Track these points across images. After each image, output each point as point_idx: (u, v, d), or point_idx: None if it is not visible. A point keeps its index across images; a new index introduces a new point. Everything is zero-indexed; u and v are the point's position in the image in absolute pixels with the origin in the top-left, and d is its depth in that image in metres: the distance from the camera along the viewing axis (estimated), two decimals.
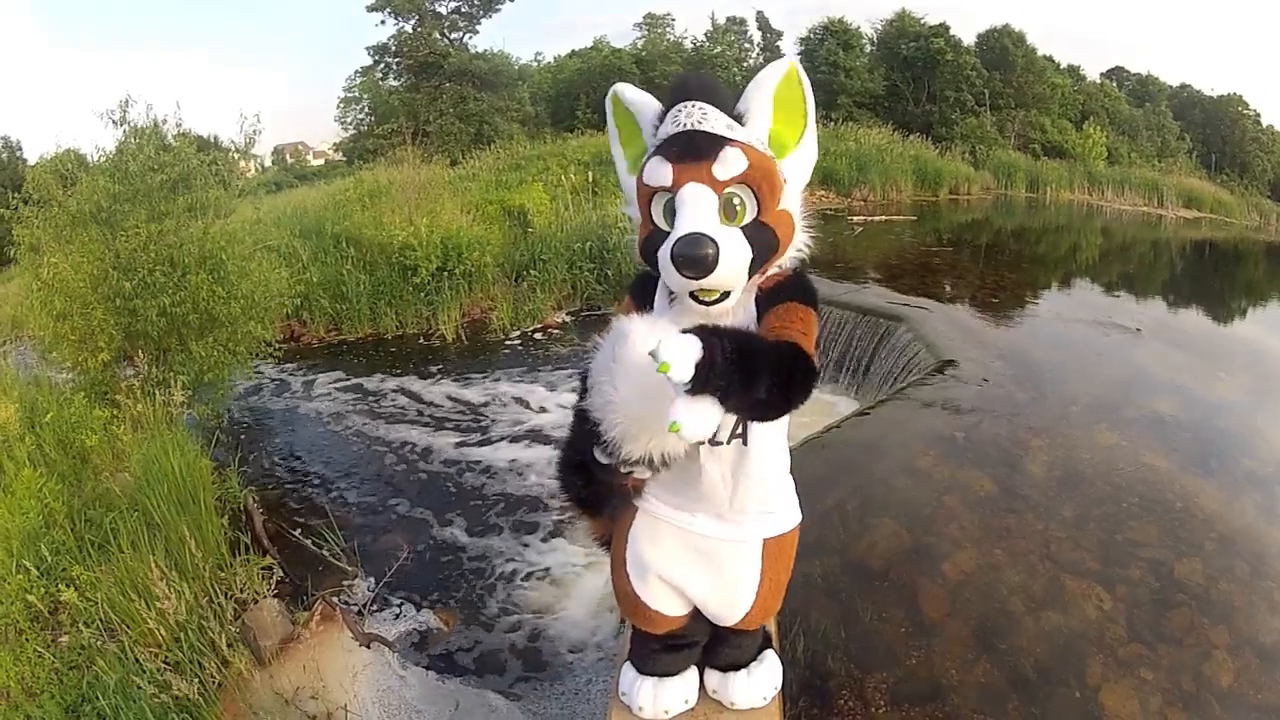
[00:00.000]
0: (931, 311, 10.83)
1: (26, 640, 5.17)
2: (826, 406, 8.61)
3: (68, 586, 5.37)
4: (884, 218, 22.38)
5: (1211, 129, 43.85)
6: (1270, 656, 4.44)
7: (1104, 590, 4.87)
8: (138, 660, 4.84)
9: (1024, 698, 4.07)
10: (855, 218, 21.97)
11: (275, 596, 6.06)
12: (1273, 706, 4.10)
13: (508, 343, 13.60)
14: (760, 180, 2.24)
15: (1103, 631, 4.55)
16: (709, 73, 34.22)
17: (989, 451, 6.65)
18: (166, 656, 4.93)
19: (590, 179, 19.45)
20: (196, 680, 4.77)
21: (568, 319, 14.53)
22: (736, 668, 2.88)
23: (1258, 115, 45.15)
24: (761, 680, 2.91)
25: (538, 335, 13.84)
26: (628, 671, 2.93)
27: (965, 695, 4.03)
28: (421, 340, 13.90)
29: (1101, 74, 46.12)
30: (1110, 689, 4.12)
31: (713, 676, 2.92)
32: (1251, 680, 4.25)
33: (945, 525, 5.54)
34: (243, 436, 9.32)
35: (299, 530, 7.30)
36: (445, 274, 14.39)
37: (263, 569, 6.27)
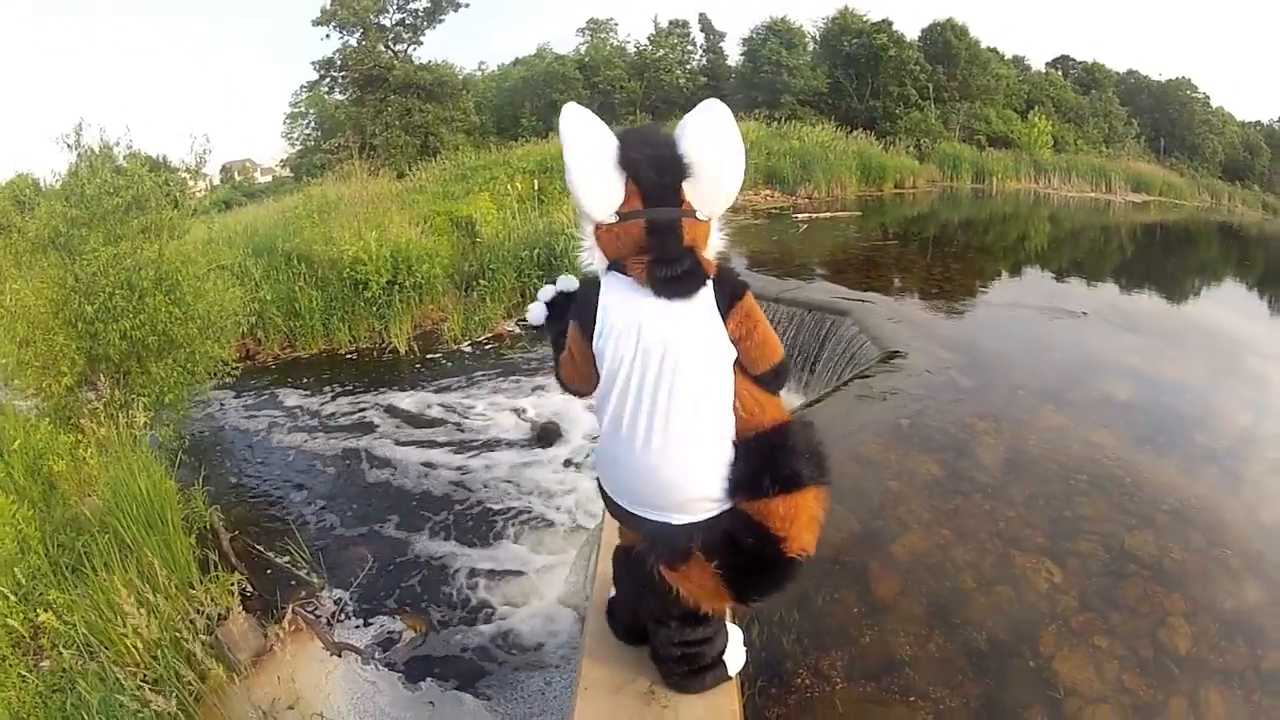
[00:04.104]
0: (877, 305, 11.00)
1: (10, 666, 5.22)
2: None
3: (45, 610, 5.43)
4: (829, 214, 22.77)
5: (1160, 113, 44.65)
6: (1230, 622, 4.52)
7: (1054, 564, 4.95)
8: (118, 679, 4.91)
9: (978, 669, 4.15)
10: (800, 215, 22.31)
11: (246, 611, 6.15)
12: (1235, 670, 4.19)
13: (460, 352, 13.73)
14: None
15: (1054, 604, 4.63)
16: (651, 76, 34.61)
17: (935, 437, 6.74)
18: (145, 674, 4.99)
19: (536, 187, 19.47)
20: (175, 695, 4.85)
21: (518, 327, 14.60)
22: None
23: (1207, 98, 46.08)
24: None
25: (489, 344, 13.97)
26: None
27: (920, 669, 4.12)
28: (375, 353, 13.98)
29: (1047, 63, 46.86)
30: (1064, 657, 4.20)
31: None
32: (1212, 645, 4.32)
33: (894, 509, 5.62)
34: (205, 456, 9.31)
35: (265, 545, 7.38)
36: (396, 287, 14.45)
37: (232, 584, 6.35)
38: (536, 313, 2.92)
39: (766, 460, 2.54)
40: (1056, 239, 21.58)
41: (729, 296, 2.56)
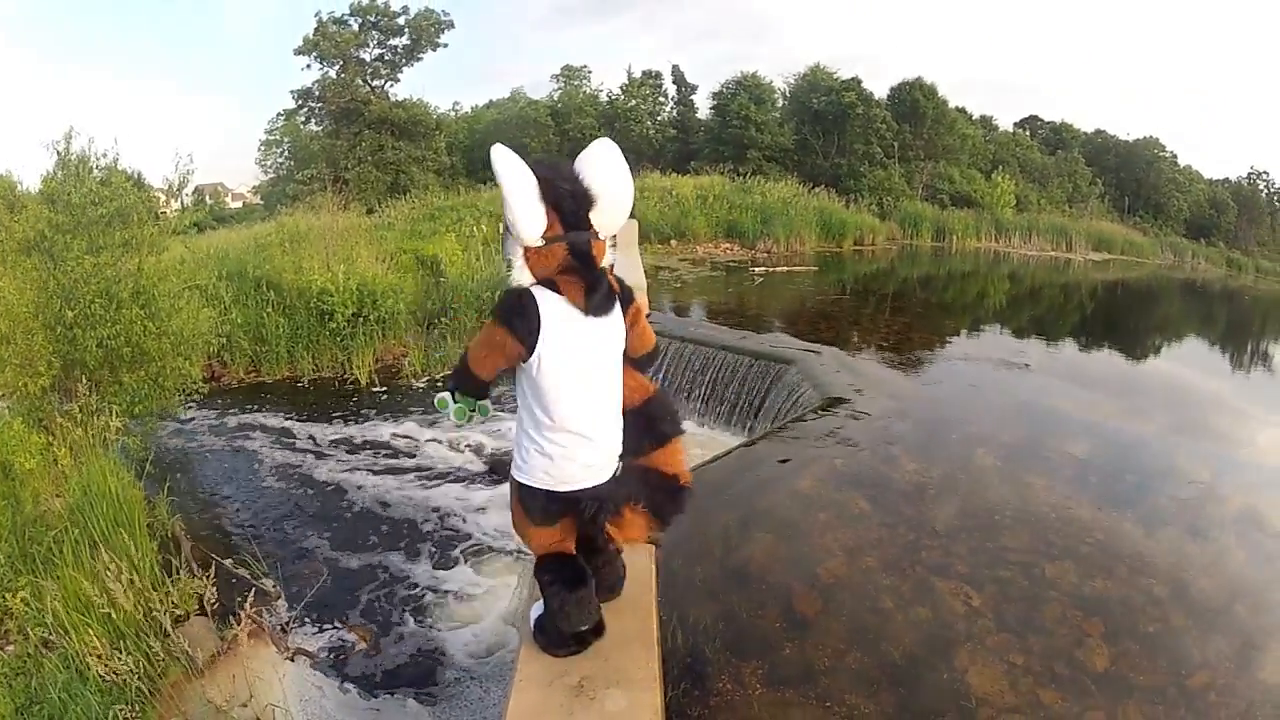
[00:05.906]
0: (823, 355, 11.28)
1: None
2: (719, 446, 8.89)
3: (13, 595, 5.63)
4: (785, 268, 23.21)
5: (1126, 172, 45.46)
6: (1154, 644, 4.76)
7: (973, 589, 5.21)
8: (80, 667, 5.08)
9: (893, 680, 4.37)
10: (757, 269, 22.83)
11: (204, 615, 6.33)
12: (1157, 687, 4.38)
13: (418, 387, 13.96)
14: None
15: (971, 624, 4.87)
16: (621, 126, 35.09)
17: (865, 475, 7.04)
18: (108, 663, 5.19)
19: (501, 230, 19.44)
20: (134, 687, 5.06)
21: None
22: None
23: (1174, 156, 46.96)
24: None
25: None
26: None
27: (837, 679, 4.35)
28: (336, 383, 14.19)
29: (1015, 123, 47.79)
30: (978, 672, 4.41)
31: None
32: (1132, 665, 4.52)
33: (820, 537, 5.89)
34: (169, 469, 9.40)
35: (223, 555, 7.54)
36: (360, 320, 14.69)
37: (192, 589, 6.52)
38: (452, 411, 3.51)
39: (644, 427, 3.36)
40: (1008, 294, 22.15)
41: (625, 302, 3.24)
